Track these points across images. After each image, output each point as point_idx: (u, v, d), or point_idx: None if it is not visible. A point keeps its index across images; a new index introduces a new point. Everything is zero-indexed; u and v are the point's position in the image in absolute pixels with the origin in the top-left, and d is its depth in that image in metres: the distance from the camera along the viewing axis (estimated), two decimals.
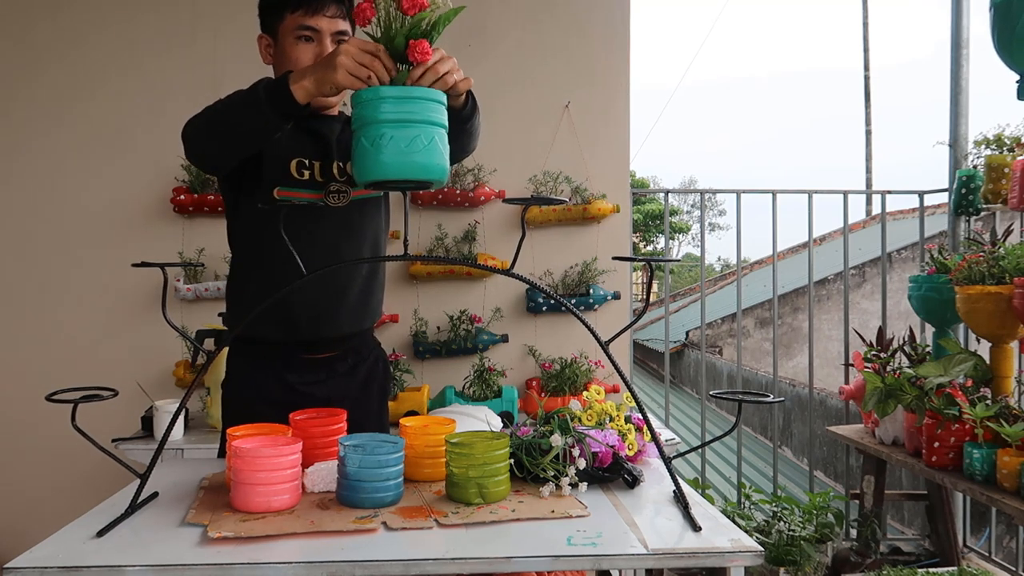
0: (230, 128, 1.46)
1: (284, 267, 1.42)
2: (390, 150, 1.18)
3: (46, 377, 2.37)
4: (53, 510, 1.99)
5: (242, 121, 1.44)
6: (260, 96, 1.40)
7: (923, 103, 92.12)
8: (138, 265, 1.47)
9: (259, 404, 1.69)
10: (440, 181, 1.24)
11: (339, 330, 1.74)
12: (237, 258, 1.77)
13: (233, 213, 1.73)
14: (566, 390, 3.03)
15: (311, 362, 1.75)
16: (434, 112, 1.22)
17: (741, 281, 3.63)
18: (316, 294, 1.67)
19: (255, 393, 1.71)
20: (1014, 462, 2.13)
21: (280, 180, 1.64)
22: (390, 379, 1.98)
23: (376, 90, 1.21)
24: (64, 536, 1.17)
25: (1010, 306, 2.43)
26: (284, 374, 1.72)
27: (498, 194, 3.17)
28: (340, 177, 1.68)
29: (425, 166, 1.20)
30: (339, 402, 1.65)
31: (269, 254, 1.57)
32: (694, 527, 1.20)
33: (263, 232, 1.60)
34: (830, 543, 3.02)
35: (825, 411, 5.85)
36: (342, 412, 1.54)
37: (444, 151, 1.23)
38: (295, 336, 1.71)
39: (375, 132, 1.19)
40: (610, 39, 3.29)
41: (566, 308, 1.34)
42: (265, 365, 1.72)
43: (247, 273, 1.74)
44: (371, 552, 1.10)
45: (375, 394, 1.86)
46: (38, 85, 3.12)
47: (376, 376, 1.86)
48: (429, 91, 1.23)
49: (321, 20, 1.61)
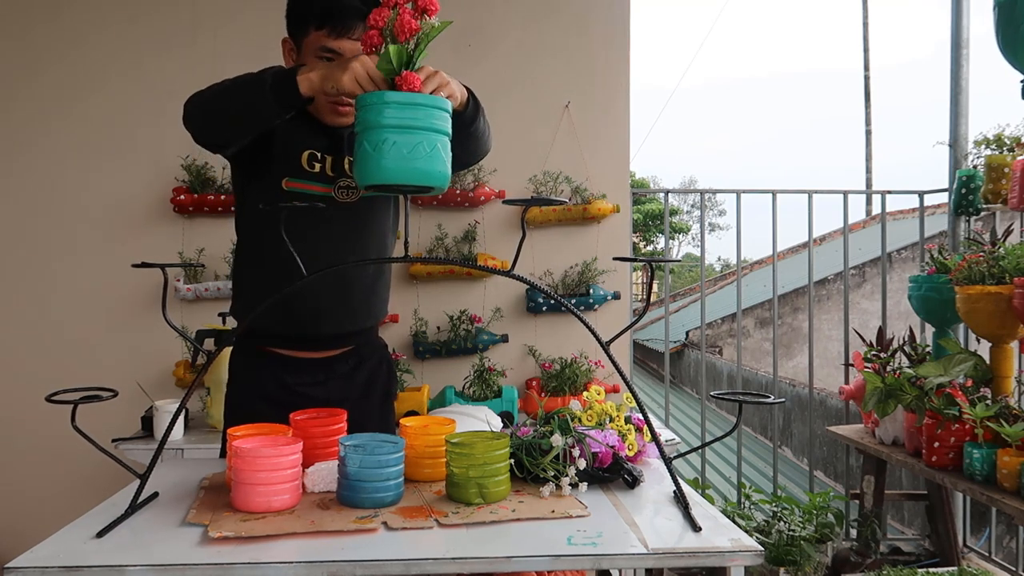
0: (229, 105, 1.47)
1: (288, 260, 1.40)
2: (392, 155, 1.18)
3: (46, 377, 2.37)
4: (53, 510, 1.99)
5: (242, 101, 1.44)
6: (267, 80, 1.41)
7: (923, 103, 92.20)
8: (138, 266, 1.48)
9: (260, 404, 1.68)
10: (441, 188, 1.25)
11: (340, 327, 1.73)
12: (242, 247, 1.76)
13: (241, 201, 1.72)
14: (566, 390, 3.03)
15: (311, 362, 1.73)
16: (438, 119, 1.23)
17: (741, 281, 3.63)
18: (319, 289, 1.65)
19: (256, 393, 1.70)
20: (1014, 462, 2.13)
21: (290, 171, 1.63)
22: (395, 380, 1.96)
23: (381, 94, 1.21)
24: (65, 536, 1.17)
25: (1010, 306, 2.43)
26: (283, 375, 1.71)
27: (498, 194, 3.17)
28: (351, 173, 1.66)
29: (426, 173, 1.20)
30: (339, 404, 1.64)
31: (273, 246, 1.49)
32: (694, 527, 1.20)
33: (269, 224, 1.54)
34: (830, 543, 3.02)
35: (825, 411, 5.85)
36: (342, 412, 1.54)
37: (446, 158, 1.24)
38: (295, 330, 1.70)
39: (378, 137, 1.19)
40: (610, 39, 3.29)
41: (566, 308, 1.34)
42: (264, 365, 1.72)
43: (251, 263, 1.73)
44: (371, 552, 1.10)
45: (377, 396, 1.84)
46: (39, 85, 3.12)
47: (379, 378, 1.84)
48: (433, 98, 1.23)
49: (345, 43, 1.58)
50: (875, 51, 68.35)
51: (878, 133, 38.54)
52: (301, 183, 1.64)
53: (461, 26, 3.08)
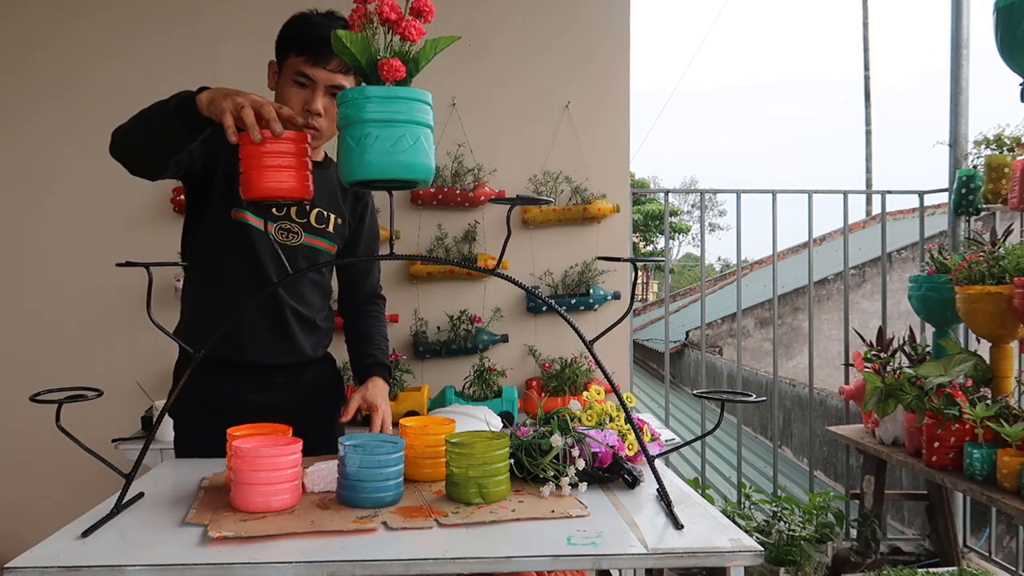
0: (145, 133, 1.47)
1: (221, 283, 1.62)
2: (375, 150, 1.18)
3: (46, 377, 2.36)
4: (54, 511, 1.99)
5: (155, 128, 1.45)
6: (169, 105, 1.41)
7: (923, 103, 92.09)
8: (122, 265, 1.47)
9: (197, 410, 1.71)
10: (425, 181, 1.24)
11: (273, 359, 1.76)
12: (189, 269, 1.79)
13: (188, 223, 1.77)
14: (566, 390, 3.03)
15: (247, 372, 1.75)
16: (420, 112, 1.21)
17: (741, 281, 3.63)
18: (256, 324, 1.72)
19: (195, 399, 1.69)
20: (1014, 462, 2.13)
21: (237, 202, 1.65)
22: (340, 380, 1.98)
23: (361, 89, 1.20)
24: (64, 536, 1.17)
25: (1010, 306, 2.43)
26: (218, 383, 1.72)
27: (498, 194, 3.17)
28: (299, 218, 1.72)
29: (410, 166, 1.20)
30: (279, 412, 1.64)
31: (211, 269, 1.69)
32: (676, 525, 1.21)
33: (211, 247, 1.70)
34: (830, 543, 3.02)
35: (825, 411, 5.85)
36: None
37: (429, 151, 1.22)
38: (231, 356, 1.72)
39: (360, 131, 1.18)
40: (610, 38, 3.29)
41: (549, 307, 1.34)
42: (201, 373, 1.73)
43: (195, 285, 1.78)
44: (371, 552, 1.10)
45: (324, 402, 1.85)
46: (37, 84, 3.12)
47: (324, 384, 1.87)
48: (415, 91, 1.22)
49: (319, 72, 1.63)
50: (875, 51, 68.23)
51: (878, 133, 38.53)
52: (246, 214, 1.68)
53: (461, 26, 3.08)
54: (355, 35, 1.19)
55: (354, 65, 1.22)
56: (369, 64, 1.20)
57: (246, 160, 1.28)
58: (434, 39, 1.22)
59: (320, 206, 1.76)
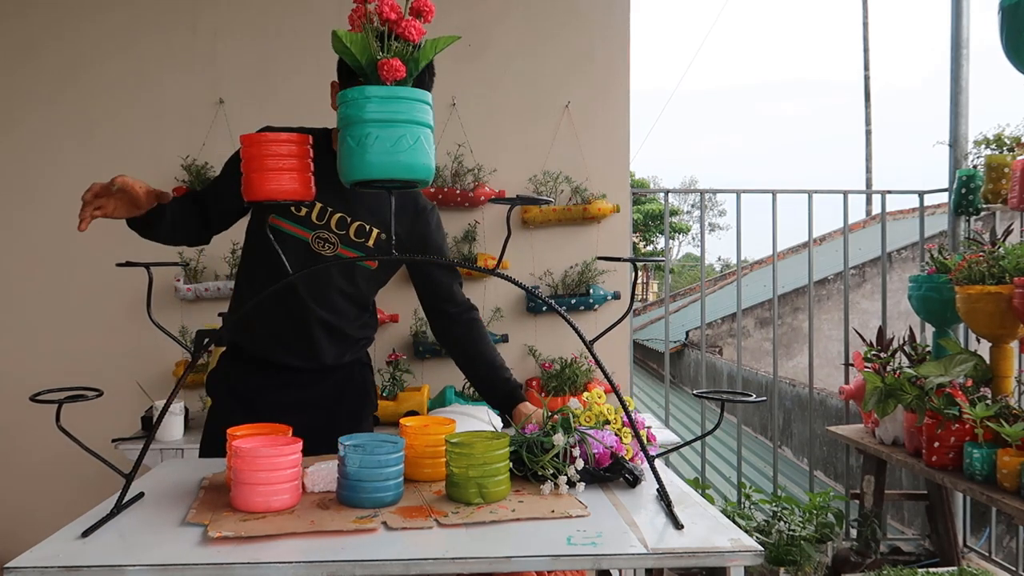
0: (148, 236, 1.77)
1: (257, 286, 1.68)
2: (376, 150, 1.18)
3: (46, 377, 2.35)
4: (54, 511, 1.99)
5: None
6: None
7: (923, 103, 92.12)
8: (122, 265, 1.48)
9: (227, 397, 1.80)
10: (425, 181, 1.24)
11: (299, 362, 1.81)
12: (241, 261, 1.90)
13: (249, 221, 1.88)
14: (566, 390, 3.02)
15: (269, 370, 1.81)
16: (419, 112, 1.21)
17: (741, 281, 3.63)
18: (280, 321, 1.77)
19: (226, 389, 1.82)
20: (1014, 462, 2.13)
21: (276, 208, 1.69)
22: (370, 382, 1.97)
23: (361, 89, 1.20)
24: (64, 536, 1.17)
25: (1010, 306, 2.43)
26: (246, 376, 1.81)
27: (498, 194, 3.17)
28: (339, 229, 1.74)
29: (410, 166, 1.20)
30: (307, 407, 1.75)
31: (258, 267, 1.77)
32: (676, 525, 1.21)
33: (250, 249, 1.83)
34: (830, 543, 3.02)
35: (825, 411, 5.85)
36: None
37: (429, 151, 1.23)
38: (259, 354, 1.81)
39: (360, 131, 1.18)
40: (610, 38, 3.29)
41: (549, 307, 1.34)
42: (236, 364, 1.84)
43: (239, 282, 1.89)
44: (371, 552, 1.10)
45: (350, 397, 1.88)
46: (38, 84, 3.12)
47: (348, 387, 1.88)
48: (414, 91, 1.22)
49: None
50: (875, 51, 68.29)
51: (878, 133, 38.54)
52: (284, 222, 1.72)
53: (461, 26, 3.08)
54: (355, 35, 1.19)
55: (354, 65, 1.22)
56: (369, 64, 1.20)
57: (248, 162, 1.29)
58: (434, 39, 1.22)
59: (362, 219, 1.75)
